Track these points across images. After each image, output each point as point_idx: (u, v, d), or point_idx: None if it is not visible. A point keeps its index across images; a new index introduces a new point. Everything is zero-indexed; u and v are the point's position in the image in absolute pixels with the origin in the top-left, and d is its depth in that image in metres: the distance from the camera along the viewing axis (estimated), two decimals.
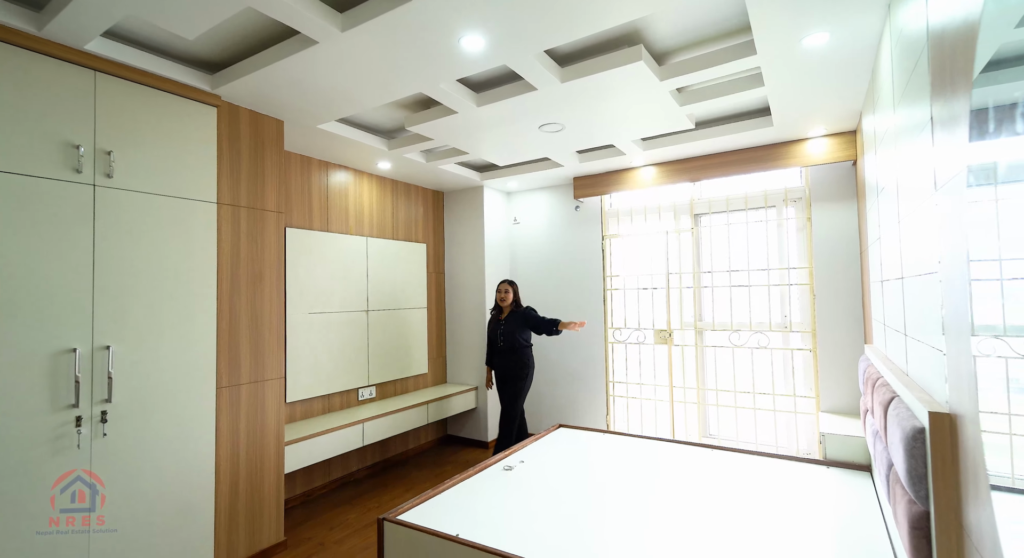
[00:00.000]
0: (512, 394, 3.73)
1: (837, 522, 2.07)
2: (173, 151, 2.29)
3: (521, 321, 3.75)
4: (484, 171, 4.31)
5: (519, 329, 3.75)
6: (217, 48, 2.22)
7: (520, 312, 3.79)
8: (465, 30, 1.91)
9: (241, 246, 2.57)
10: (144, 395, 2.15)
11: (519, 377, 3.72)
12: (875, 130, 2.21)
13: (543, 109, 2.72)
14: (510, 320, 3.79)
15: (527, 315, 3.76)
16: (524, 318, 3.75)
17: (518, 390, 3.74)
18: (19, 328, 1.82)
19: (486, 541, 1.96)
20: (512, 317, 3.80)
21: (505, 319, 3.81)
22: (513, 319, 3.78)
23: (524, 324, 3.74)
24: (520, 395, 3.75)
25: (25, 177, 1.85)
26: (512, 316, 3.80)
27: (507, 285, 3.85)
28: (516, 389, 3.73)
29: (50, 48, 1.91)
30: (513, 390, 3.73)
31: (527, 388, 3.79)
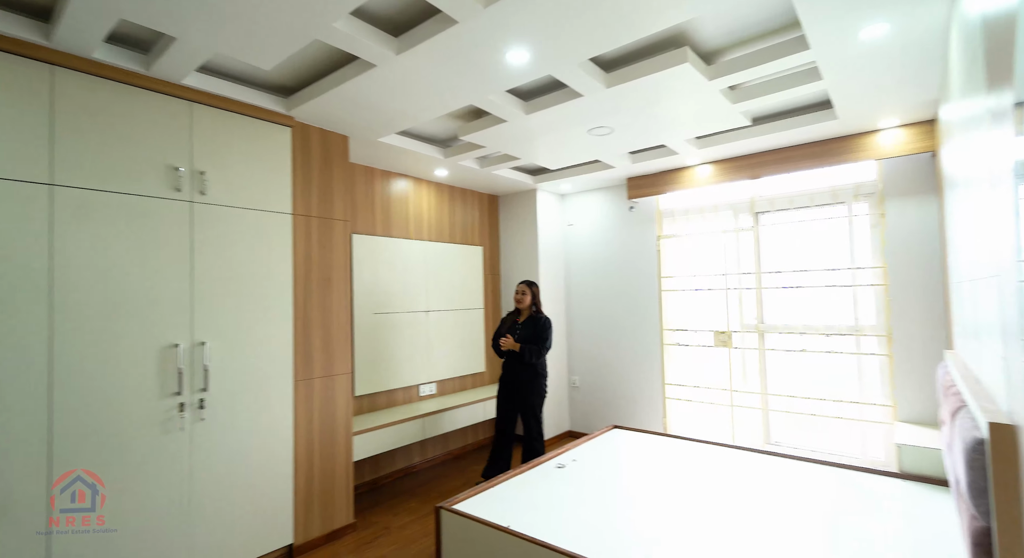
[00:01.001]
0: (529, 407, 3.42)
1: (912, 540, 1.95)
2: (255, 168, 2.57)
3: (533, 329, 3.44)
4: (537, 174, 4.40)
5: (533, 336, 3.43)
6: (290, 75, 2.46)
7: (538, 319, 3.47)
8: (510, 45, 2.00)
9: (312, 252, 2.82)
10: (234, 386, 2.43)
11: (530, 389, 3.41)
12: (949, 120, 2.07)
13: (590, 114, 2.76)
14: (528, 326, 3.47)
15: (541, 326, 3.43)
16: (536, 327, 3.44)
17: (534, 403, 3.43)
18: (135, 326, 2.14)
19: (535, 534, 2.05)
20: (530, 322, 3.48)
21: (523, 323, 3.50)
22: (530, 325, 3.47)
23: (535, 332, 3.42)
24: (539, 408, 3.45)
25: (136, 196, 2.17)
26: (530, 321, 3.48)
27: (525, 286, 3.54)
28: (532, 403, 3.42)
29: (155, 84, 2.22)
30: (529, 403, 3.41)
31: (541, 403, 3.48)
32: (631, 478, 2.70)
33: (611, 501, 2.41)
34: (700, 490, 2.49)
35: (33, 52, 1.90)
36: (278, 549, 2.60)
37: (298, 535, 2.66)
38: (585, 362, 4.72)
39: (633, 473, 2.77)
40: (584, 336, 4.73)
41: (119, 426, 2.08)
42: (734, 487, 2.49)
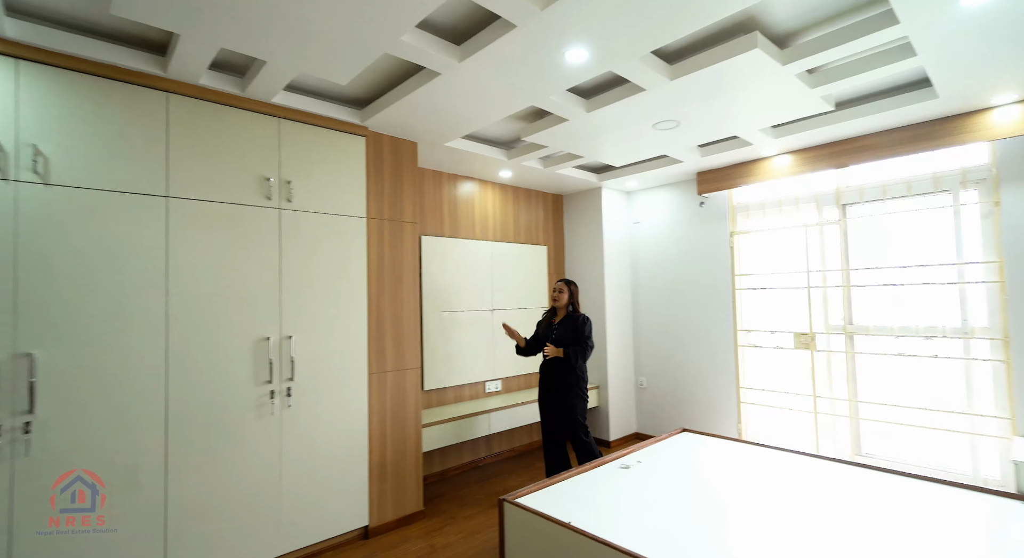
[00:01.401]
0: (570, 411, 3.25)
1: None
2: (333, 176, 2.78)
3: (572, 329, 3.28)
4: (602, 172, 4.35)
5: (571, 336, 3.27)
6: (363, 88, 2.64)
7: (576, 318, 3.31)
8: (568, 45, 2.01)
9: (385, 253, 3.00)
10: (316, 376, 2.65)
11: (569, 391, 3.24)
12: None
13: (654, 108, 2.70)
14: (565, 325, 3.32)
15: (580, 326, 3.27)
16: (575, 327, 3.28)
17: (576, 407, 3.26)
18: (233, 321, 2.40)
19: (596, 532, 2.04)
20: (567, 321, 3.32)
21: (560, 323, 3.35)
22: (567, 324, 3.31)
23: (573, 333, 3.27)
24: (581, 411, 3.28)
25: (234, 205, 2.43)
26: (567, 320, 3.32)
27: (563, 284, 3.38)
28: (574, 406, 3.25)
29: (249, 104, 2.47)
30: (571, 407, 3.25)
31: (583, 405, 3.30)
32: (699, 483, 2.60)
33: (676, 504, 2.34)
34: (777, 500, 2.35)
35: (152, 82, 2.20)
36: (355, 529, 2.79)
37: (372, 518, 2.84)
38: (653, 363, 4.60)
39: (702, 478, 2.67)
40: (652, 336, 4.61)
41: (221, 409, 2.34)
42: (817, 499, 2.33)
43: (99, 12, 1.90)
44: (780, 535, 1.99)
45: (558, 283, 3.40)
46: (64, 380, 1.97)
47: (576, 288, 3.42)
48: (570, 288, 3.38)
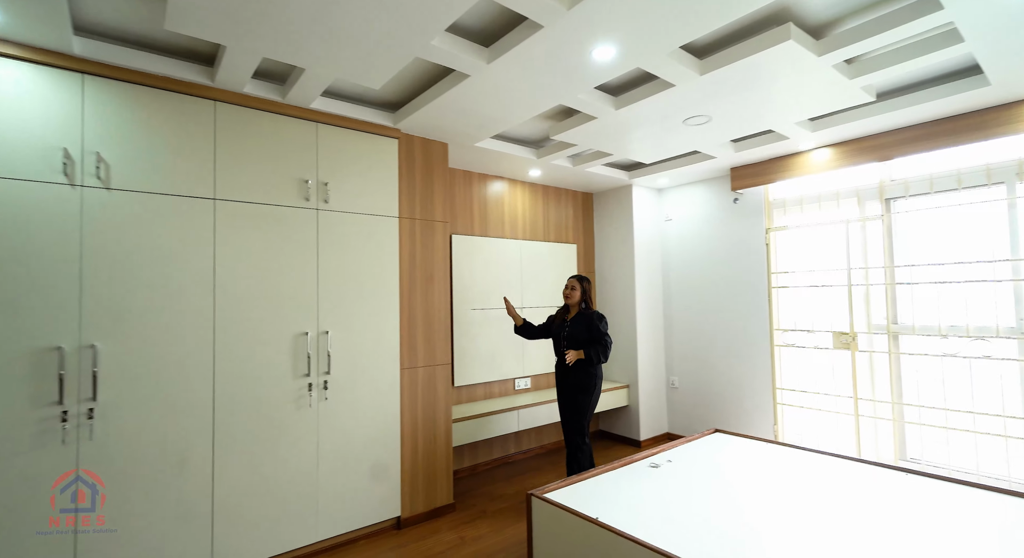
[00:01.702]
0: (574, 408, 3.18)
1: None
2: (367, 177, 2.87)
3: (586, 327, 3.18)
4: (632, 170, 4.32)
5: (586, 334, 3.17)
6: (395, 91, 2.72)
7: (590, 315, 3.20)
8: (596, 43, 2.03)
9: (416, 252, 3.08)
10: (351, 370, 2.75)
11: (583, 389, 3.16)
12: None
13: (685, 103, 2.67)
14: (577, 322, 3.21)
15: (594, 323, 3.17)
16: (589, 325, 3.17)
17: (581, 404, 3.17)
18: (274, 316, 2.52)
19: (623, 528, 2.05)
20: (580, 319, 3.22)
21: (572, 320, 3.24)
22: (581, 322, 3.21)
23: (588, 331, 3.17)
24: (584, 411, 3.18)
25: (275, 206, 2.56)
26: (580, 318, 3.22)
27: (575, 281, 3.28)
28: (579, 403, 3.17)
29: (289, 110, 2.59)
30: (575, 403, 3.18)
31: (593, 404, 3.20)
32: (731, 483, 2.56)
33: (707, 504, 2.31)
34: (814, 503, 2.29)
35: (201, 91, 2.34)
36: (388, 519, 2.88)
37: (404, 509, 2.93)
38: (685, 362, 4.53)
39: (734, 478, 2.63)
40: (684, 335, 4.54)
41: (263, 400, 2.47)
42: (858, 504, 2.25)
43: (154, 28, 2.04)
44: (817, 540, 1.94)
45: (570, 279, 3.30)
46: (123, 370, 2.12)
47: (589, 284, 3.31)
48: (582, 285, 3.27)
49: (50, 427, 1.97)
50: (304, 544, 2.56)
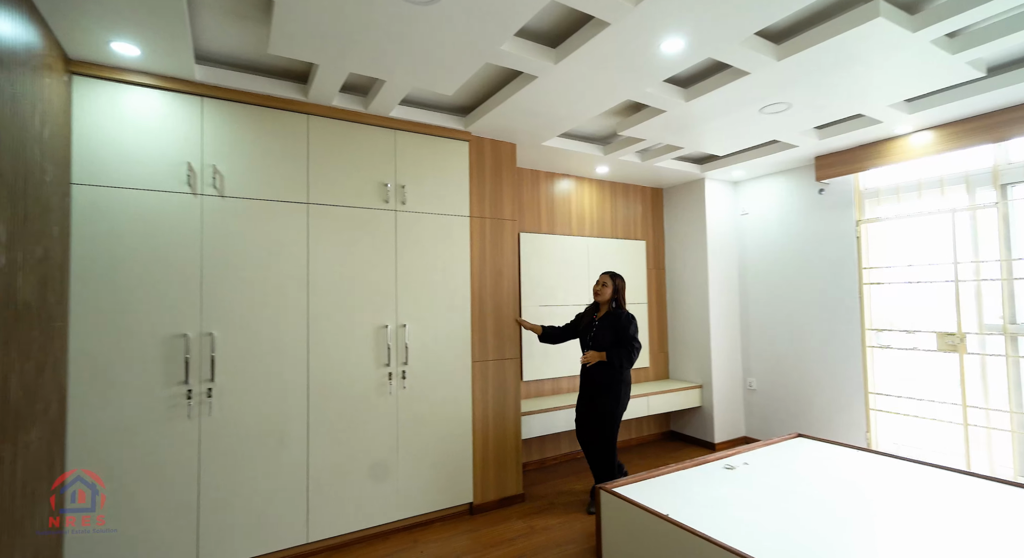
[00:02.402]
0: (600, 415, 2.98)
1: None
2: (441, 179, 3.03)
3: (612, 328, 2.99)
4: (704, 163, 4.18)
5: (612, 336, 2.98)
6: (466, 96, 2.85)
7: (619, 315, 3.01)
8: (664, 36, 2.01)
9: (486, 250, 3.20)
10: (426, 362, 2.92)
11: (608, 394, 2.96)
12: None
13: (761, 91, 2.56)
14: (606, 323, 3.02)
15: (621, 325, 2.97)
16: (617, 326, 2.98)
17: (607, 412, 2.96)
18: (358, 310, 2.74)
19: (694, 526, 2.02)
20: (608, 319, 3.02)
21: (600, 319, 3.06)
22: (608, 322, 3.01)
23: (614, 332, 2.98)
24: (610, 420, 2.97)
25: (359, 208, 2.77)
26: (609, 318, 3.02)
27: (607, 277, 3.08)
28: (605, 410, 2.96)
29: (371, 119, 2.80)
30: (601, 411, 2.98)
31: (620, 411, 2.99)
32: (816, 490, 2.43)
33: (785, 509, 2.22)
34: (913, 516, 2.13)
35: (296, 106, 2.59)
36: (461, 505, 3.02)
37: (476, 496, 3.06)
38: (763, 363, 4.31)
39: (819, 485, 2.49)
40: (762, 335, 4.32)
41: (350, 387, 2.69)
42: (970, 521, 2.06)
43: (258, 52, 2.30)
44: (910, 555, 1.81)
45: (602, 276, 3.11)
46: (234, 356, 2.41)
47: (622, 282, 3.11)
48: (615, 282, 3.07)
49: (178, 403, 2.29)
50: (386, 521, 2.76)
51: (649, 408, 4.07)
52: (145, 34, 1.94)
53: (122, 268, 2.19)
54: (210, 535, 2.32)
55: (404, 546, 2.67)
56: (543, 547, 2.65)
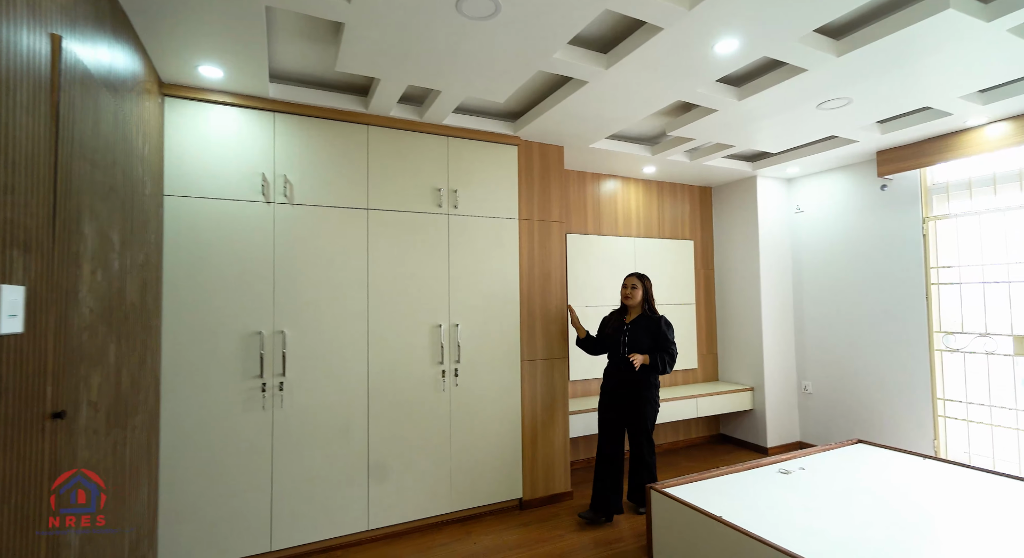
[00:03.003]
0: (637, 418, 2.90)
1: None
2: (491, 183, 3.12)
3: (649, 332, 2.91)
4: (756, 160, 4.08)
5: (649, 341, 2.90)
6: (515, 101, 2.92)
7: (653, 319, 2.93)
8: (718, 38, 2.01)
9: (535, 251, 3.27)
10: (478, 360, 3.02)
11: (640, 399, 2.87)
12: None
13: (819, 87, 2.50)
14: (640, 327, 2.93)
15: (661, 331, 2.89)
16: (655, 331, 2.90)
17: (641, 416, 2.88)
18: (414, 310, 2.87)
19: (748, 529, 2.01)
20: (642, 324, 2.93)
21: (632, 323, 2.96)
22: (643, 326, 2.92)
23: (652, 337, 2.90)
24: (650, 421, 2.92)
25: (413, 213, 2.90)
26: (643, 322, 2.93)
27: (636, 279, 2.97)
28: (641, 416, 2.88)
29: (425, 127, 2.93)
30: (635, 416, 2.89)
31: (655, 416, 2.93)
32: (877, 497, 2.36)
33: (843, 515, 2.17)
34: (988, 528, 2.03)
35: (357, 118, 2.75)
36: (510, 500, 3.11)
37: (525, 492, 3.13)
38: (820, 367, 4.16)
39: (879, 492, 2.42)
40: (818, 337, 4.18)
41: (406, 382, 2.83)
42: None
43: (324, 70, 2.46)
44: None
45: (629, 278, 3.00)
46: (302, 352, 2.59)
47: (650, 283, 3.01)
48: (644, 283, 2.97)
49: (254, 395, 2.48)
50: (439, 513, 2.88)
51: (698, 410, 4.03)
52: (228, 58, 2.12)
53: (206, 271, 2.41)
54: (282, 517, 2.51)
55: (458, 537, 2.77)
56: (592, 544, 2.69)
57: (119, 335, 1.70)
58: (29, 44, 1.08)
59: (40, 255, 1.13)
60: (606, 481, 2.90)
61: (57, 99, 1.20)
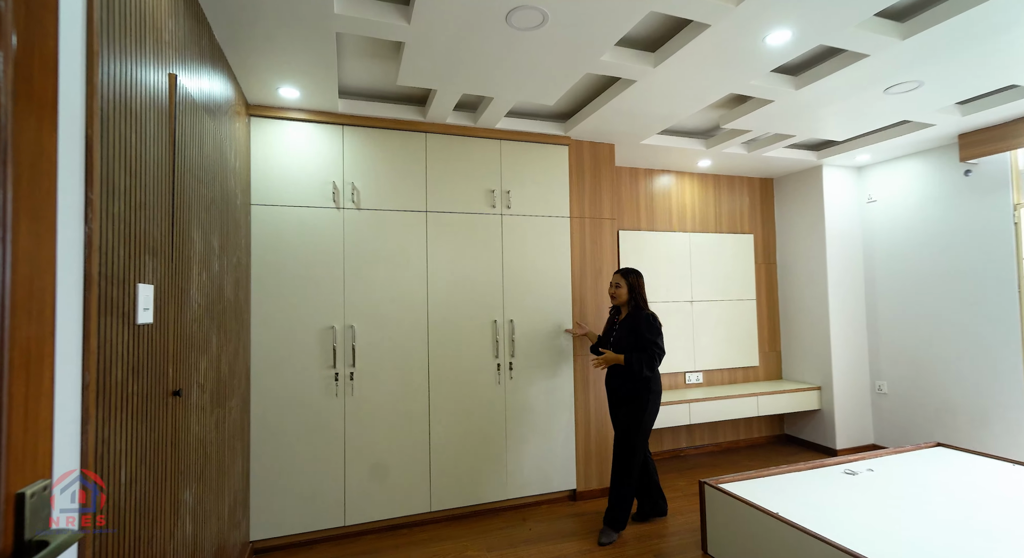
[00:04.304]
0: (626, 424, 2.70)
1: None
2: (542, 183, 3.22)
3: (629, 329, 2.72)
4: (821, 149, 3.90)
5: (630, 339, 2.71)
6: (565, 103, 3.00)
7: (638, 317, 2.71)
8: (768, 30, 1.99)
9: (586, 248, 3.33)
10: (532, 355, 3.13)
11: (633, 400, 2.68)
12: None
13: (884, 72, 2.39)
14: (625, 325, 2.76)
15: (641, 327, 2.67)
16: (636, 329, 2.69)
17: (634, 420, 2.67)
18: (470, 307, 3.02)
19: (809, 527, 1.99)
20: (628, 321, 2.76)
21: (621, 321, 2.80)
22: (628, 324, 2.75)
23: (633, 335, 2.70)
24: (638, 427, 2.67)
25: (468, 214, 3.05)
26: (629, 320, 2.75)
27: (619, 276, 2.81)
28: (632, 419, 2.68)
29: (479, 132, 3.07)
30: (627, 419, 2.70)
31: (649, 419, 2.69)
32: (954, 502, 2.23)
33: (914, 519, 2.08)
34: None
35: (415, 126, 2.94)
36: (564, 491, 3.20)
37: (579, 483, 3.21)
38: (896, 366, 3.92)
39: (959, 497, 2.28)
40: (894, 334, 3.93)
41: (464, 375, 2.99)
42: None
43: (386, 84, 2.67)
44: None
45: (615, 275, 2.84)
46: (369, 345, 2.81)
47: (638, 279, 2.80)
48: (628, 280, 2.78)
49: (328, 384, 2.73)
50: (496, 499, 3.02)
51: (759, 409, 3.92)
52: (304, 79, 2.36)
53: (286, 272, 2.68)
54: (354, 495, 2.75)
55: (514, 523, 2.90)
56: (646, 536, 2.73)
57: (219, 327, 1.96)
58: (154, 83, 1.31)
59: (163, 259, 1.36)
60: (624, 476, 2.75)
61: (174, 127, 1.43)
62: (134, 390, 1.16)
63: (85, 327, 0.91)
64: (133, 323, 1.16)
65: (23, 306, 0.58)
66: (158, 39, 1.33)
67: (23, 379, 0.59)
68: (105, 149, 1.00)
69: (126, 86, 1.12)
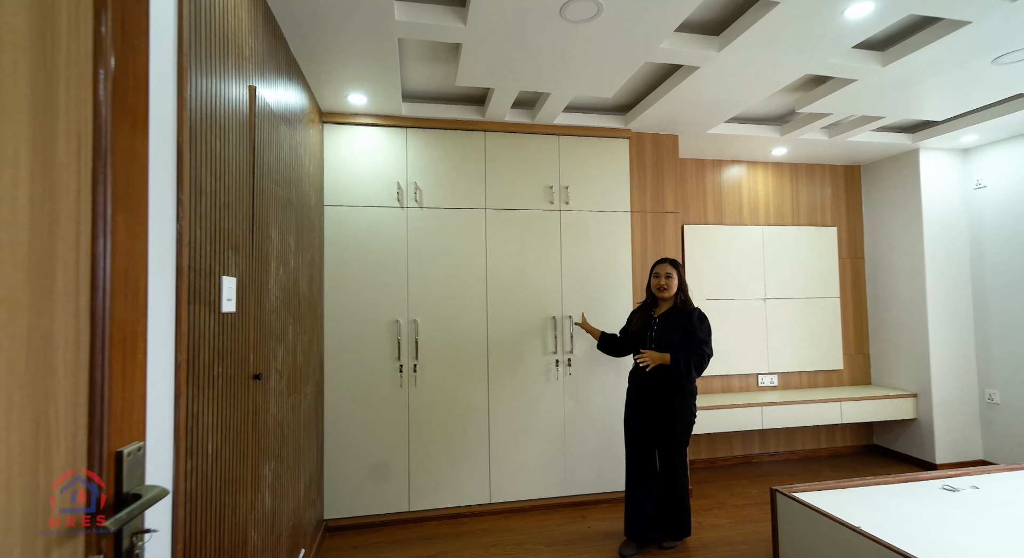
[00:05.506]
0: (664, 436, 2.46)
1: None
2: (601, 177, 3.17)
3: (680, 327, 2.46)
4: (917, 131, 3.52)
5: (679, 337, 2.46)
6: (624, 95, 2.93)
7: (685, 312, 2.48)
8: (845, 2, 1.83)
9: (648, 243, 3.24)
10: (588, 351, 3.10)
11: (671, 409, 2.44)
12: None
13: (990, 40, 2.11)
14: (670, 321, 2.49)
15: (693, 325, 2.43)
16: (684, 324, 2.45)
17: (673, 431, 2.44)
18: (528, 302, 3.04)
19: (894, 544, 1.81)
20: (673, 317, 2.50)
21: (662, 317, 2.53)
22: (674, 320, 2.49)
23: (683, 333, 2.45)
24: (681, 437, 2.46)
25: (526, 210, 3.07)
26: (674, 315, 2.50)
27: (670, 267, 2.53)
28: (668, 428, 2.44)
29: (537, 128, 3.08)
30: (666, 431, 2.45)
31: (689, 429, 2.48)
32: None
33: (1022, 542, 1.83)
34: None
35: (474, 125, 3.00)
36: (622, 490, 3.12)
37: None
38: (1010, 374, 3.46)
39: None
40: (1008, 337, 3.47)
41: (521, 370, 3.01)
42: None
43: (445, 85, 2.75)
44: None
45: (661, 265, 2.55)
46: (432, 339, 2.91)
47: (684, 271, 2.61)
48: (679, 271, 2.55)
49: (393, 376, 2.87)
50: (554, 495, 3.03)
51: (842, 416, 3.61)
52: (371, 86, 2.50)
53: (355, 268, 2.84)
54: (417, 483, 2.86)
55: (573, 520, 2.89)
56: (713, 544, 2.61)
57: (295, 319, 2.12)
58: (237, 95, 1.44)
59: (244, 255, 1.50)
60: (642, 506, 2.52)
61: (254, 135, 1.57)
62: (219, 372, 1.29)
63: (177, 313, 1.02)
64: (218, 311, 1.29)
65: (120, 290, 0.68)
66: (240, 55, 1.47)
67: (120, 354, 0.69)
68: (193, 155, 1.13)
69: (211, 98, 1.24)
